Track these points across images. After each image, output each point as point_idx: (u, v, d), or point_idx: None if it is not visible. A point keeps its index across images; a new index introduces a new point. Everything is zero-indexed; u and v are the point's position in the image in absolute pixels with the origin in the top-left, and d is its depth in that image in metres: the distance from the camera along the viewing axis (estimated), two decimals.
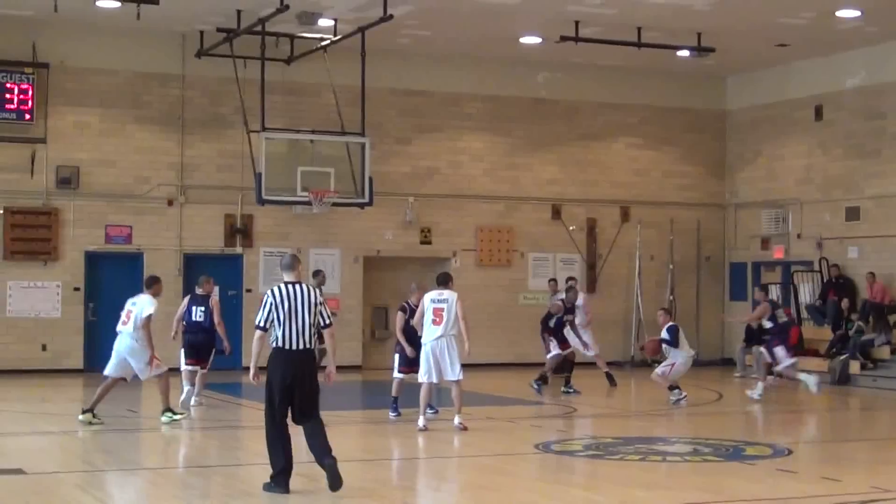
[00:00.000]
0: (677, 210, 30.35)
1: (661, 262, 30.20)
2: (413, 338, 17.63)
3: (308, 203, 24.52)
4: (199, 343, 19.38)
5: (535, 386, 22.45)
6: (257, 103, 24.31)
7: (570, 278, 25.81)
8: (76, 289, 25.72)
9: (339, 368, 21.76)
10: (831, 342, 25.48)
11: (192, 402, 19.14)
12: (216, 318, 19.16)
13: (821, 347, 25.95)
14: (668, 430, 17.00)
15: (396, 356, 18.17)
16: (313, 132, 25.33)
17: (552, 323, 22.60)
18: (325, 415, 11.88)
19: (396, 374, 18.10)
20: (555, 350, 22.47)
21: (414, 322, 17.33)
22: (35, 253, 25.40)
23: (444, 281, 16.87)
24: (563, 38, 24.91)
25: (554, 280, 27.51)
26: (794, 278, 28.19)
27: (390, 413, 17.88)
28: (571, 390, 22.07)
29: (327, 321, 11.83)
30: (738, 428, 18.49)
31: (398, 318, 18.17)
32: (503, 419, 18.18)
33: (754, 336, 26.74)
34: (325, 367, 12.08)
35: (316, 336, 11.75)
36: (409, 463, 14.61)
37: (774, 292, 28.81)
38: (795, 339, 25.83)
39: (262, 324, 11.59)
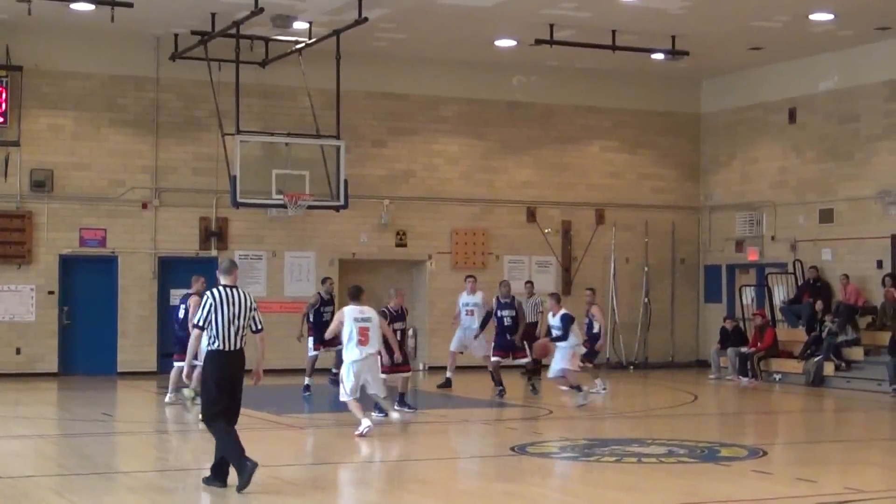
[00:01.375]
0: (652, 213, 30.43)
1: (636, 264, 30.27)
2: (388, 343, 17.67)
3: (283, 206, 24.47)
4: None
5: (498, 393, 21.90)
6: (232, 106, 24.26)
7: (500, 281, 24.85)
8: (50, 292, 25.62)
9: (318, 371, 21.96)
10: (805, 344, 25.59)
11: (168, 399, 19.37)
12: (189, 317, 19.10)
13: (795, 349, 26.05)
14: (644, 432, 17.03)
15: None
16: (288, 135, 25.27)
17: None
18: (291, 418, 11.87)
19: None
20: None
21: (329, 332, 17.27)
22: (9, 256, 25.29)
23: (358, 295, 16.76)
24: (538, 42, 24.95)
25: (531, 282, 27.53)
26: (769, 280, 28.30)
27: (376, 413, 17.79)
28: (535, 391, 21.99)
29: (258, 326, 12.22)
30: (714, 429, 18.57)
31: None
32: (478, 421, 18.18)
33: (729, 338, 26.88)
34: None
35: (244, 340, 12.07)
36: (382, 465, 14.60)
37: (749, 294, 28.96)
38: (770, 340, 26.02)
39: (201, 323, 11.95)
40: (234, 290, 12.09)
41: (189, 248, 26.64)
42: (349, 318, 16.42)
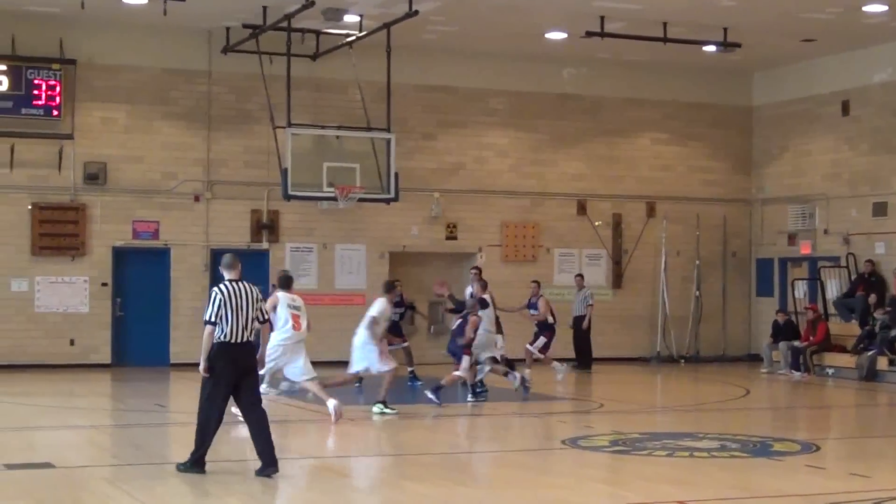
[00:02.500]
0: (703, 206, 30.27)
1: (687, 257, 30.13)
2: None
3: (334, 199, 24.55)
4: None
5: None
6: (283, 99, 24.35)
7: (474, 267, 23.95)
8: (104, 284, 25.84)
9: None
10: (858, 338, 25.39)
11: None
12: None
13: (847, 343, 25.86)
14: (696, 426, 16.95)
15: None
16: (339, 128, 25.36)
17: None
18: (349, 409, 11.90)
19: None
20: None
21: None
22: (63, 248, 25.53)
23: (289, 284, 18.08)
24: (589, 34, 24.87)
25: (580, 275, 27.56)
26: (821, 274, 28.10)
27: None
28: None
29: (263, 318, 12.68)
30: (766, 424, 18.46)
31: None
32: (529, 414, 18.18)
33: (781, 332, 26.71)
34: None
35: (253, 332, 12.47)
36: (431, 458, 14.62)
37: (801, 288, 28.76)
38: (823, 335, 25.82)
39: (213, 318, 12.30)
40: (240, 283, 12.46)
41: (240, 241, 26.79)
42: (283, 303, 17.68)
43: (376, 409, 17.69)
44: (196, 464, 12.24)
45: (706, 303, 30.12)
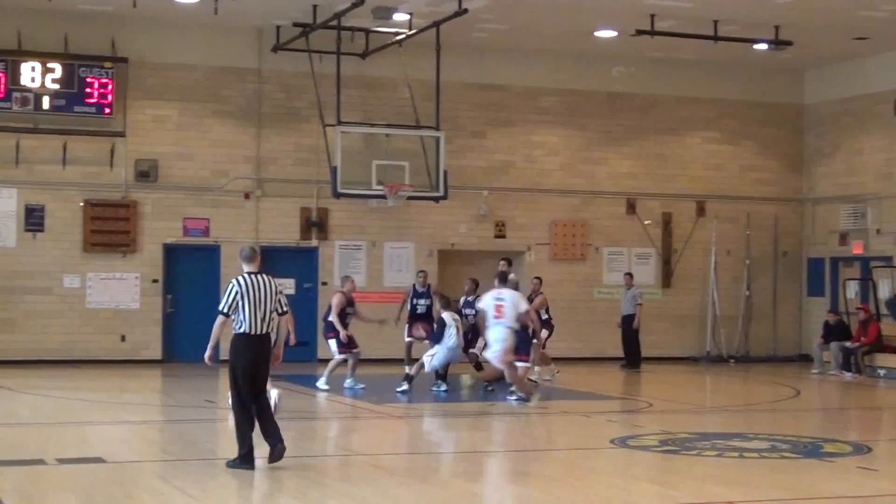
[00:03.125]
0: (754, 205, 30.09)
1: (737, 257, 29.96)
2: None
3: (383, 196, 24.59)
4: None
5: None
6: (333, 97, 24.41)
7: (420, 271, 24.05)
8: (154, 280, 26.01)
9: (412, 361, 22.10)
10: None
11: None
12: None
13: None
14: (745, 427, 16.86)
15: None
16: (388, 126, 25.39)
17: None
18: (390, 407, 11.91)
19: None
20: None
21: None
22: (114, 245, 25.73)
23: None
24: (639, 32, 24.77)
25: (630, 274, 27.47)
26: (874, 274, 27.86)
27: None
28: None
29: (284, 309, 12.67)
30: (817, 425, 18.32)
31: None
32: (578, 413, 18.14)
33: (832, 333, 26.50)
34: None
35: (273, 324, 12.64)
36: (484, 455, 14.62)
37: (853, 288, 28.53)
38: (874, 335, 25.60)
39: (226, 310, 12.39)
40: (259, 276, 12.55)
41: (290, 238, 26.90)
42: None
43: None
44: (245, 460, 12.31)
45: (756, 302, 29.95)
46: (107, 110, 25.46)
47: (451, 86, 26.62)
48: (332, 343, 20.74)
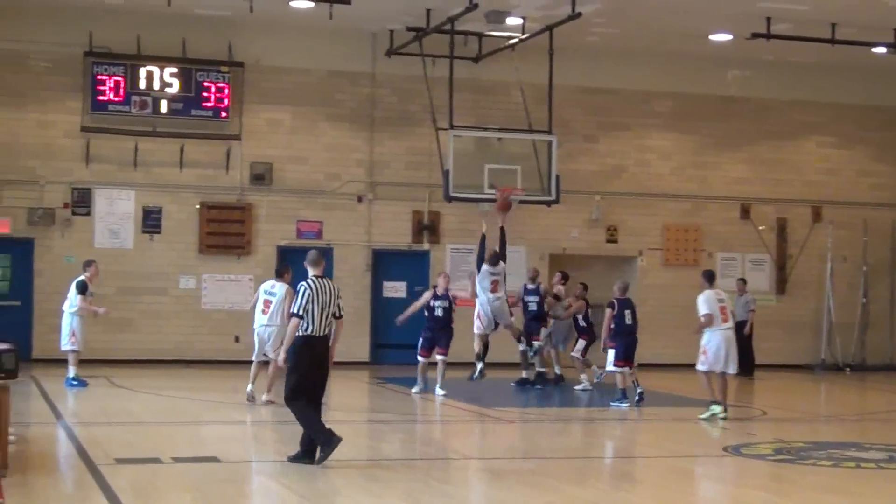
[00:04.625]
0: (871, 210, 29.59)
1: (853, 263, 29.47)
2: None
3: (494, 200, 24.54)
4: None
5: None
6: (445, 101, 24.46)
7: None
8: None
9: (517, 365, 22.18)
10: None
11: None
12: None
13: None
14: (862, 436, 16.58)
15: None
16: (501, 130, 25.36)
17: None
18: (500, 411, 11.90)
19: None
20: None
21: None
22: (229, 247, 26.08)
23: (281, 272, 18.76)
24: (755, 35, 24.48)
25: (743, 280, 27.16)
26: None
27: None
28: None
29: (341, 313, 13.03)
30: None
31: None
32: (691, 420, 17.98)
33: None
34: None
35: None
36: (591, 462, 14.56)
37: None
38: None
39: (300, 312, 12.75)
40: (324, 279, 12.98)
41: (402, 242, 27.03)
42: (261, 289, 18.68)
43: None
44: (327, 444, 12.61)
45: (873, 310, 29.43)
46: (223, 114, 25.83)
47: (564, 89, 26.49)
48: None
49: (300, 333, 12.75)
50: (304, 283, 12.92)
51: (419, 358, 20.64)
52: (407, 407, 19.55)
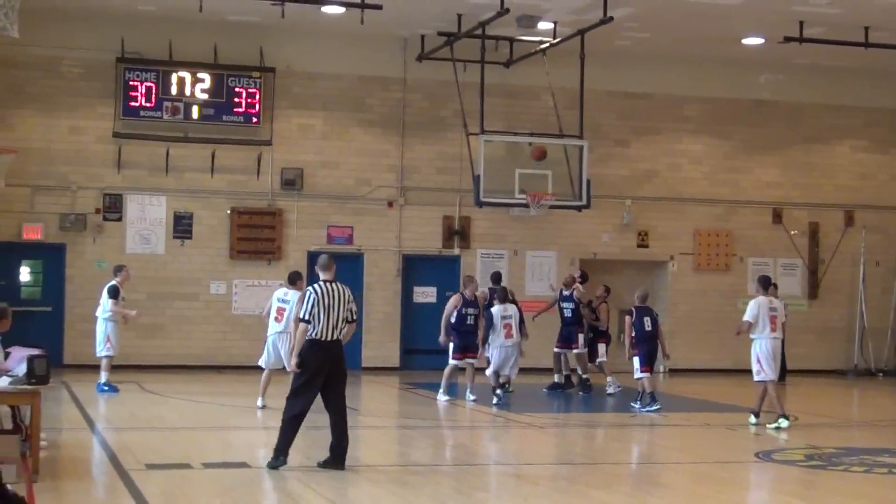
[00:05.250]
0: None
1: (887, 268, 29.29)
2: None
3: (525, 205, 24.53)
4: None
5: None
6: (476, 106, 24.44)
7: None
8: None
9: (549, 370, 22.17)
10: None
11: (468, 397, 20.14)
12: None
13: None
14: (894, 442, 16.45)
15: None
16: (531, 134, 25.32)
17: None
18: (530, 416, 11.87)
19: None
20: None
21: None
22: (260, 252, 26.14)
23: (293, 280, 18.55)
24: (787, 39, 24.38)
25: (774, 284, 26.95)
26: None
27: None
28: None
29: (353, 317, 13.14)
30: None
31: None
32: (721, 425, 17.90)
33: None
34: None
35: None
36: (622, 467, 14.51)
37: None
38: None
39: (307, 317, 12.85)
40: (334, 284, 13.08)
41: (432, 247, 27.03)
42: (274, 297, 18.68)
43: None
44: (336, 460, 12.84)
45: None
46: (254, 119, 25.90)
47: (595, 94, 26.48)
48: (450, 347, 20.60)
49: (308, 337, 12.85)
50: (310, 287, 13.09)
51: (452, 360, 20.36)
52: (436, 412, 19.53)
